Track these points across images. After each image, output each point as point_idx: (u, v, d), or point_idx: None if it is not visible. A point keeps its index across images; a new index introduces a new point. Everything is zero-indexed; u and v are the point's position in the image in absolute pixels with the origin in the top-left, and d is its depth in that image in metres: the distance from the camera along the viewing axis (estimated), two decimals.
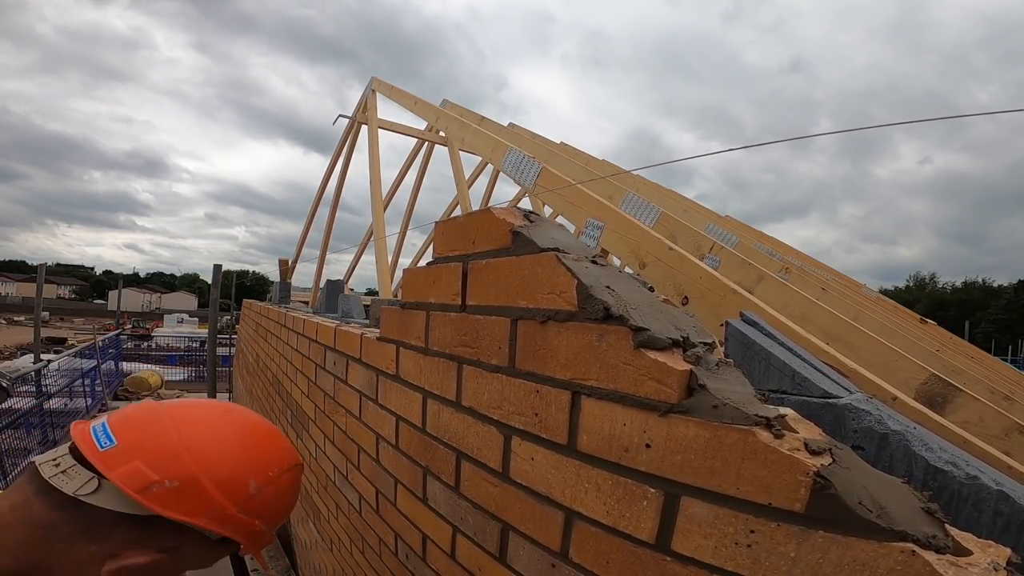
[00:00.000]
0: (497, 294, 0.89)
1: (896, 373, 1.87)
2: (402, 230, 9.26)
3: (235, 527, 0.75)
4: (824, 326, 2.16)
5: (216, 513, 0.72)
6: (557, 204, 3.00)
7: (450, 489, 1.06)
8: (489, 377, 0.92)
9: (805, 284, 3.67)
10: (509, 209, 0.93)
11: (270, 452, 0.83)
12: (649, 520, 0.63)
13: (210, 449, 0.75)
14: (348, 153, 7.78)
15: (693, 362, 0.62)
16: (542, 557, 0.80)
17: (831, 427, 0.85)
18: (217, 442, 0.77)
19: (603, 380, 0.69)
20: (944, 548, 0.43)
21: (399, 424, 1.30)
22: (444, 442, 1.07)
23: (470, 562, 0.99)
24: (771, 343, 1.08)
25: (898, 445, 0.80)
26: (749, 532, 0.53)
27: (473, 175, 9.24)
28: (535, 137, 6.89)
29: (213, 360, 5.71)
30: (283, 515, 0.85)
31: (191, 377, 16.35)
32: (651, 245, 2.27)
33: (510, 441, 0.87)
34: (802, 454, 0.50)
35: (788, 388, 0.95)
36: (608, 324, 0.68)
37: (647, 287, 0.77)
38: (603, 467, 0.69)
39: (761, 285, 2.49)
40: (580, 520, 0.73)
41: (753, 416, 0.54)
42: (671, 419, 0.61)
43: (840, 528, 0.46)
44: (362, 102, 7.18)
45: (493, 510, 0.91)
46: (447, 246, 1.06)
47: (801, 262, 5.97)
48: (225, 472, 0.74)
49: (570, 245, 0.83)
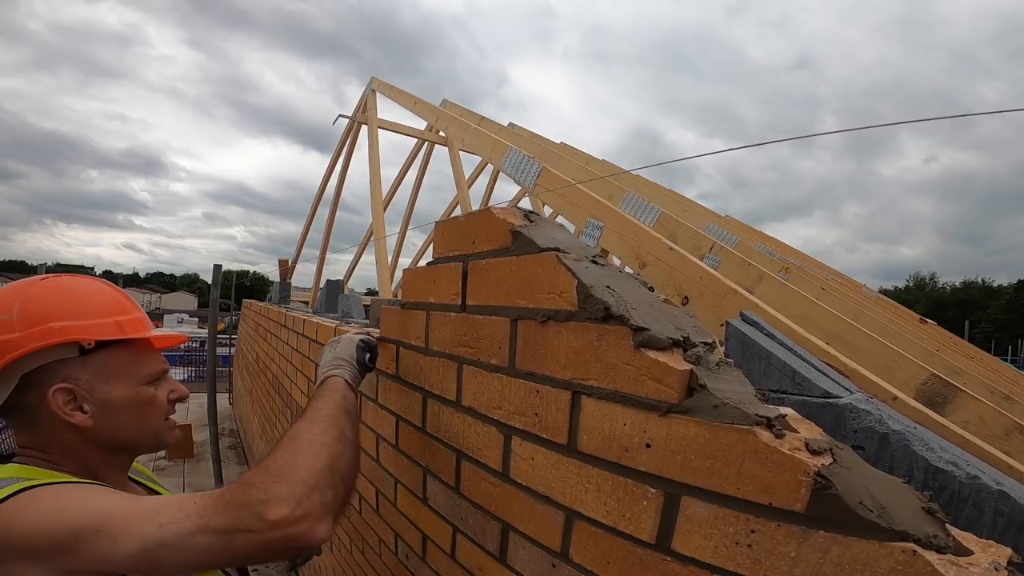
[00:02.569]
0: (497, 294, 0.89)
1: (896, 373, 1.87)
2: (402, 230, 9.27)
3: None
4: (824, 326, 2.16)
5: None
6: (557, 204, 3.00)
7: (450, 489, 1.06)
8: (489, 377, 0.92)
9: (805, 284, 3.67)
10: (509, 209, 0.93)
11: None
12: (649, 520, 0.63)
13: None
14: (348, 153, 7.78)
15: (693, 362, 0.62)
16: (542, 557, 0.80)
17: (831, 427, 0.85)
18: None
19: (603, 380, 0.69)
20: (945, 548, 0.43)
21: (399, 424, 1.30)
22: (444, 442, 1.07)
23: (470, 562, 0.99)
24: (771, 343, 1.08)
25: (898, 445, 0.80)
26: (750, 532, 0.53)
27: (473, 175, 9.24)
28: (535, 137, 6.89)
29: (213, 360, 5.71)
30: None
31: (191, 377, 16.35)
32: (651, 245, 2.27)
33: (510, 441, 0.87)
34: (803, 454, 0.50)
35: (788, 388, 0.95)
36: (608, 324, 0.68)
37: (647, 287, 0.77)
38: (603, 467, 0.69)
39: (761, 285, 2.49)
40: (580, 520, 0.73)
41: (753, 416, 0.54)
42: (671, 419, 0.61)
43: (841, 528, 0.46)
44: (362, 102, 7.19)
45: (493, 510, 0.91)
46: (447, 246, 1.06)
47: (801, 262, 5.97)
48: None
49: (570, 245, 0.83)
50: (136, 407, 0.87)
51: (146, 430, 0.89)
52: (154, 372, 0.91)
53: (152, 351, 0.93)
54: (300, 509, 0.66)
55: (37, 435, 0.80)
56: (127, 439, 0.87)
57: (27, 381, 0.79)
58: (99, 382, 0.83)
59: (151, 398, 0.89)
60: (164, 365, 0.94)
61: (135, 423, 0.87)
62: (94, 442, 0.83)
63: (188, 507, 0.66)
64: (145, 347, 0.92)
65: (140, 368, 0.88)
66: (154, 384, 0.91)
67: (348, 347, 1.12)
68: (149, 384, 0.89)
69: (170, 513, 0.65)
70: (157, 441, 0.92)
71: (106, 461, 0.87)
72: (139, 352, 0.90)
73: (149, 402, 0.89)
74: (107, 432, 0.84)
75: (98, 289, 0.90)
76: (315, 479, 0.70)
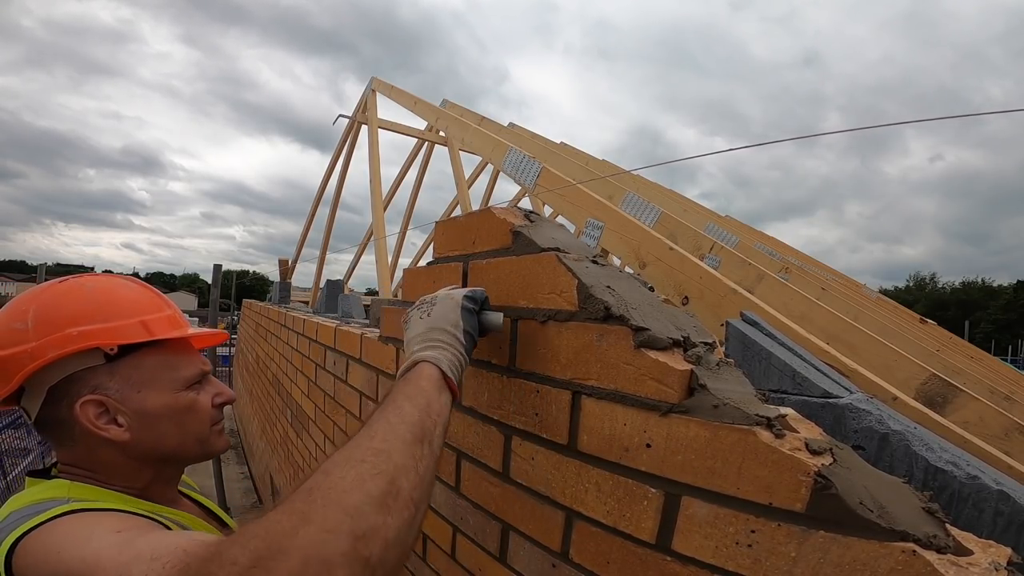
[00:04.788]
0: (498, 294, 0.89)
1: (896, 373, 1.87)
2: (402, 230, 9.26)
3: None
4: (824, 326, 2.16)
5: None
6: (557, 204, 3.00)
7: (450, 489, 1.06)
8: (489, 377, 0.92)
9: (805, 284, 3.66)
10: (509, 209, 0.93)
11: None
12: (650, 520, 0.63)
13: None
14: (348, 153, 7.78)
15: (694, 362, 0.62)
16: (542, 557, 0.80)
17: (831, 427, 0.85)
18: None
19: (603, 380, 0.69)
20: (945, 548, 0.43)
21: None
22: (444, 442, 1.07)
23: (470, 562, 0.99)
24: (771, 343, 1.08)
25: (898, 445, 0.80)
26: (750, 532, 0.53)
27: (473, 175, 9.24)
28: (535, 137, 6.89)
29: (213, 360, 5.71)
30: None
31: None
32: (651, 245, 2.27)
33: (510, 441, 0.87)
34: (803, 454, 0.50)
35: (788, 388, 0.95)
36: (609, 324, 0.68)
37: (647, 287, 0.77)
38: (603, 467, 0.69)
39: (761, 285, 2.49)
40: (580, 520, 0.73)
41: (754, 416, 0.54)
42: (672, 419, 0.61)
43: (841, 528, 0.46)
44: (362, 102, 7.19)
45: (493, 510, 0.91)
46: (447, 246, 1.06)
47: (801, 262, 5.97)
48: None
49: (570, 245, 0.83)
50: (176, 415, 0.79)
51: (191, 439, 0.82)
52: (192, 375, 0.83)
53: (189, 352, 0.86)
54: None
55: (75, 452, 0.75)
56: (171, 450, 0.80)
57: (55, 394, 0.73)
58: (131, 391, 0.75)
59: (192, 404, 0.81)
60: (204, 366, 0.86)
61: (178, 433, 0.80)
62: (136, 456, 0.77)
63: (177, 556, 0.51)
64: (181, 348, 0.84)
65: (176, 372, 0.81)
66: (195, 388, 0.83)
67: (449, 311, 0.77)
68: (189, 388, 0.82)
69: (158, 566, 0.52)
70: (204, 450, 0.84)
71: (153, 475, 0.80)
72: (174, 354, 0.82)
73: (190, 408, 0.81)
74: (148, 444, 0.77)
75: (122, 286, 0.83)
76: (329, 554, 0.44)
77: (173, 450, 0.80)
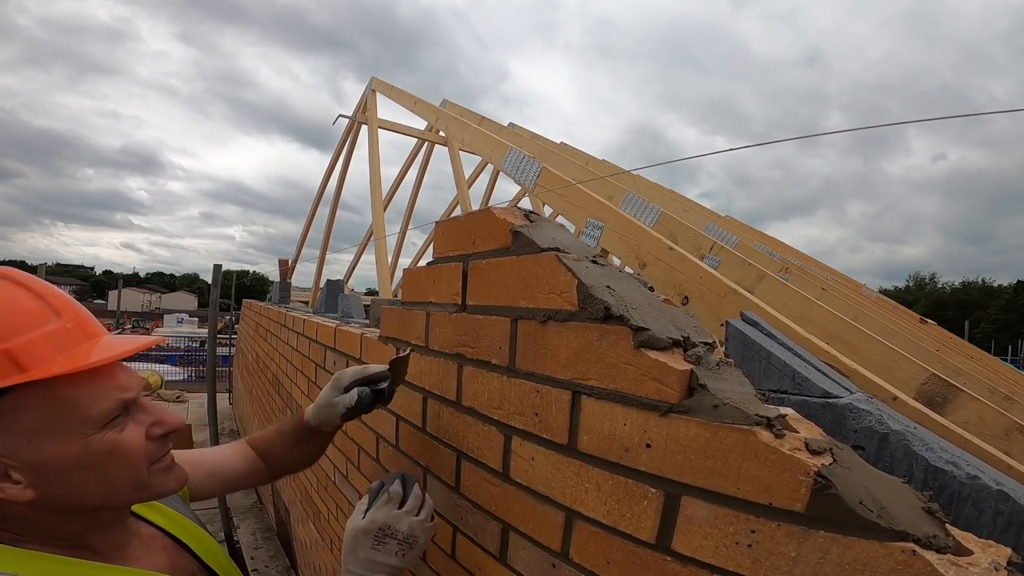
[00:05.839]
0: (497, 294, 0.89)
1: (896, 373, 1.87)
2: (402, 230, 9.26)
3: None
4: (824, 326, 2.16)
5: None
6: (557, 204, 3.01)
7: (450, 489, 1.06)
8: (489, 377, 0.92)
9: (805, 284, 3.67)
10: (509, 209, 0.93)
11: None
12: (649, 520, 0.63)
13: None
14: (348, 153, 7.79)
15: (693, 362, 0.62)
16: (542, 557, 0.80)
17: (831, 427, 0.85)
18: None
19: (603, 380, 0.69)
20: (945, 548, 0.43)
21: (399, 424, 1.30)
22: (444, 442, 1.07)
23: (470, 562, 0.99)
24: (771, 343, 1.08)
25: (898, 445, 0.80)
26: (750, 532, 0.53)
27: (473, 175, 9.24)
28: (535, 137, 6.90)
29: (213, 360, 5.71)
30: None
31: (191, 377, 16.35)
32: (651, 245, 2.27)
33: (510, 441, 0.87)
34: (803, 454, 0.50)
35: (788, 388, 0.95)
36: (608, 324, 0.68)
37: (647, 287, 0.77)
38: (603, 467, 0.69)
39: (761, 285, 2.49)
40: (580, 520, 0.73)
41: (754, 416, 0.54)
42: (671, 419, 0.61)
43: (841, 528, 0.46)
44: (362, 102, 7.19)
45: (493, 510, 0.91)
46: (447, 246, 1.06)
47: (801, 262, 5.97)
48: None
49: (570, 245, 0.83)
50: (93, 464, 0.60)
51: (123, 487, 0.63)
52: (107, 410, 0.61)
53: (101, 377, 0.61)
54: None
55: None
56: (99, 502, 0.63)
57: None
58: (18, 441, 0.56)
59: (113, 447, 0.61)
60: (125, 393, 0.63)
61: (101, 482, 0.61)
62: (53, 510, 0.61)
63: None
64: (86, 377, 0.59)
65: (79, 410, 0.59)
66: (116, 425, 0.62)
67: (360, 541, 0.80)
68: (106, 428, 0.61)
69: None
70: (147, 495, 0.67)
71: (84, 525, 0.64)
72: (72, 386, 0.59)
73: (111, 453, 0.61)
74: (63, 498, 0.60)
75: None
76: None
77: (102, 501, 0.63)
